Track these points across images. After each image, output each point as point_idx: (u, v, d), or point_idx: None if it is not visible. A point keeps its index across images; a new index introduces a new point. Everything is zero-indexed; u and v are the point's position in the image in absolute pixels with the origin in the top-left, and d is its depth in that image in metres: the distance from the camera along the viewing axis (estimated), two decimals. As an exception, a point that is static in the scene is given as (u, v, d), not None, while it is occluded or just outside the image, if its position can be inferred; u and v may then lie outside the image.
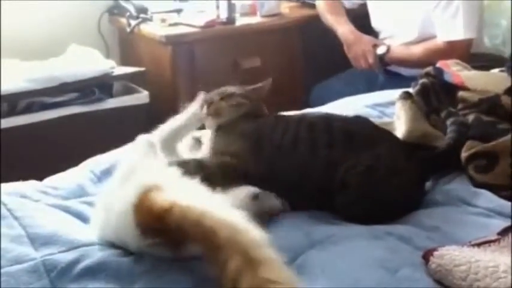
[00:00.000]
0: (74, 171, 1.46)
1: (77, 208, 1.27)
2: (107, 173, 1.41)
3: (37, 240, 1.11)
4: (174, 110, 2.50)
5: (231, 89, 1.40)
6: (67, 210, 1.26)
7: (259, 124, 1.33)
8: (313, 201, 1.26)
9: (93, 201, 1.28)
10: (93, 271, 1.04)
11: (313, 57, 2.73)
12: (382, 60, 2.41)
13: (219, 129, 1.35)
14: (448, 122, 1.47)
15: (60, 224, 1.17)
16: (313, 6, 2.72)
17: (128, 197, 1.05)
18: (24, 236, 1.12)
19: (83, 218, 1.23)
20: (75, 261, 1.06)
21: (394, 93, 1.73)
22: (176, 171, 1.15)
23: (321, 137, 1.27)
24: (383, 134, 1.35)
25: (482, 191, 1.29)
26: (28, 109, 2.27)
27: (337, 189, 1.23)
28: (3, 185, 1.35)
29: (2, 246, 1.08)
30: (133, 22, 2.63)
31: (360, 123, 1.38)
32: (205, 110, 1.37)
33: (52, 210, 1.25)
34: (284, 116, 1.41)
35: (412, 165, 1.29)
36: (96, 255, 1.08)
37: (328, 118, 1.36)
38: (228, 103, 1.36)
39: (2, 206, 1.21)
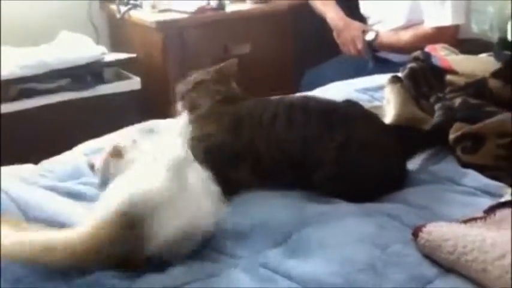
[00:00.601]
0: (68, 155, 1.48)
1: (75, 189, 1.29)
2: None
3: (35, 223, 1.12)
4: (165, 96, 2.55)
5: (198, 75, 1.38)
6: (64, 191, 1.28)
7: (237, 106, 1.34)
8: (290, 177, 1.28)
9: (90, 181, 1.30)
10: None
11: (304, 43, 2.75)
12: (371, 46, 2.44)
13: (196, 118, 1.34)
14: (436, 107, 1.51)
15: (57, 206, 1.19)
16: (302, -8, 2.74)
17: None
18: (23, 219, 1.13)
19: (81, 198, 1.26)
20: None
21: (384, 78, 1.76)
22: None
23: (298, 116, 1.30)
24: (359, 113, 1.37)
25: (469, 171, 1.33)
26: (20, 95, 2.28)
27: (313, 166, 1.26)
28: (1, 168, 1.36)
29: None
30: (123, 8, 2.64)
31: (335, 103, 1.40)
32: (180, 105, 1.36)
33: (49, 192, 1.26)
34: (264, 98, 1.40)
35: (388, 141, 1.33)
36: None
37: (306, 98, 1.40)
38: (201, 93, 1.35)
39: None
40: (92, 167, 1.27)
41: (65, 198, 1.25)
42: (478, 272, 0.95)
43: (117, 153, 1.19)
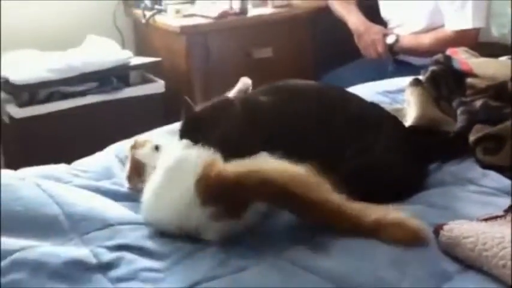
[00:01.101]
0: (99, 156, 1.53)
1: (108, 188, 1.35)
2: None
3: (73, 217, 1.18)
4: (189, 99, 2.59)
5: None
6: (98, 190, 1.33)
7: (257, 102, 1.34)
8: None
9: (122, 182, 1.36)
10: (127, 248, 1.12)
11: (324, 46, 2.79)
12: (392, 49, 2.47)
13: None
14: (459, 111, 1.54)
15: (93, 203, 1.25)
16: (323, -4, 2.78)
17: (188, 175, 1.14)
18: (61, 213, 1.19)
19: (114, 197, 1.31)
20: (110, 238, 1.14)
21: (405, 81, 1.79)
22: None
23: (338, 118, 1.34)
24: (386, 118, 1.42)
25: (489, 171, 1.36)
26: (48, 98, 2.35)
27: (338, 165, 1.28)
28: (35, 168, 1.42)
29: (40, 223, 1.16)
30: (148, 13, 2.70)
31: (369, 107, 1.45)
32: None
33: (84, 191, 1.32)
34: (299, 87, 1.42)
35: (409, 145, 1.37)
36: (130, 234, 1.16)
37: (344, 98, 1.42)
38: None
39: (36, 186, 1.28)
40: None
41: (99, 195, 1.31)
42: (498, 267, 0.98)
43: (137, 168, 1.31)
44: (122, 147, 1.54)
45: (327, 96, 1.41)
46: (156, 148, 1.32)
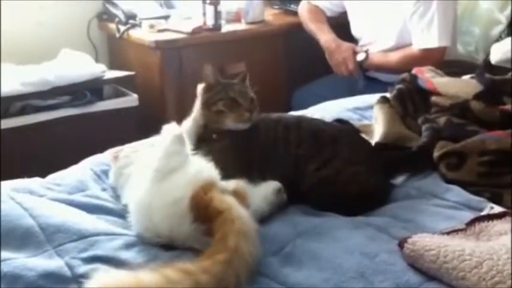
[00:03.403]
0: (74, 169, 1.55)
1: (81, 201, 1.36)
2: (105, 172, 1.51)
3: (47, 229, 1.20)
4: (162, 113, 2.62)
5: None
6: (72, 203, 1.34)
7: (243, 133, 1.40)
8: (286, 192, 1.36)
9: (96, 194, 1.38)
10: (102, 259, 1.14)
11: (296, 62, 2.85)
12: (362, 66, 2.54)
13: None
14: (423, 128, 1.60)
15: (67, 215, 1.26)
16: (296, 13, 2.84)
17: (181, 188, 1.17)
18: (35, 225, 1.21)
19: (88, 210, 1.33)
20: (85, 250, 1.16)
21: (373, 98, 1.85)
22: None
23: (293, 136, 1.39)
24: (345, 132, 1.48)
25: (453, 186, 1.41)
26: (22, 111, 2.35)
27: (301, 180, 1.36)
28: (9, 181, 1.43)
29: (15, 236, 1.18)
30: (122, 28, 2.72)
31: (325, 122, 1.52)
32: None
33: (58, 203, 1.33)
34: (261, 118, 1.46)
35: (370, 158, 1.43)
36: (104, 245, 1.18)
37: (299, 119, 1.49)
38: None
39: (10, 200, 1.30)
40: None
41: (73, 208, 1.32)
42: (458, 279, 1.03)
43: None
44: (96, 160, 1.57)
45: (284, 118, 1.48)
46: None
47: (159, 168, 1.21)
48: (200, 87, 1.43)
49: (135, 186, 1.26)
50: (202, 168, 1.22)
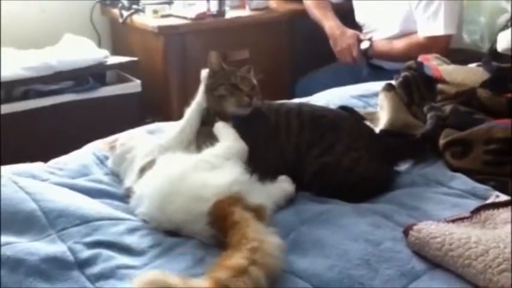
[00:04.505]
0: (77, 154, 1.54)
1: (84, 185, 1.36)
2: (108, 157, 1.50)
3: (50, 214, 1.19)
4: (165, 98, 2.61)
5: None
6: (75, 187, 1.34)
7: (245, 119, 1.40)
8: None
9: (99, 179, 1.37)
10: (105, 244, 1.14)
11: (300, 50, 2.83)
12: (366, 54, 2.52)
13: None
14: (428, 115, 1.59)
15: (70, 200, 1.26)
16: (300, 0, 2.81)
17: (210, 189, 1.18)
18: (37, 209, 1.20)
19: (91, 194, 1.32)
20: (88, 235, 1.15)
21: (378, 85, 1.84)
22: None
23: (294, 123, 1.39)
24: (346, 118, 1.47)
25: (458, 174, 1.40)
26: (24, 96, 2.35)
27: (303, 167, 1.35)
28: (11, 166, 1.43)
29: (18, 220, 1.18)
30: (125, 13, 2.71)
31: (326, 109, 1.52)
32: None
33: (60, 188, 1.33)
34: (265, 106, 1.47)
35: (371, 144, 1.42)
36: (107, 230, 1.17)
37: (300, 105, 1.49)
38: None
39: (13, 183, 1.29)
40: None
41: (76, 192, 1.32)
42: (464, 267, 1.02)
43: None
44: (99, 145, 1.56)
45: (285, 105, 1.48)
46: None
47: (210, 160, 1.25)
48: (204, 72, 1.44)
49: (154, 171, 1.27)
50: (237, 181, 1.22)
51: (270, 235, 1.10)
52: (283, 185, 1.33)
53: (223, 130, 1.34)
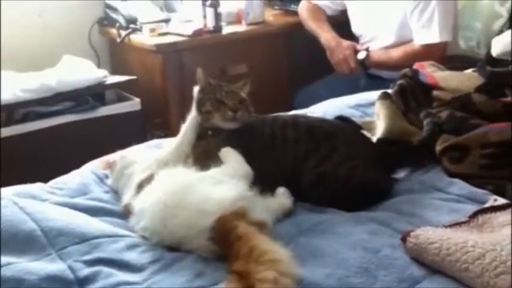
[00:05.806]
0: (76, 173, 1.55)
1: (84, 204, 1.37)
2: (107, 175, 1.51)
3: (50, 233, 1.20)
4: (165, 115, 2.62)
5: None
6: (74, 207, 1.35)
7: (238, 131, 1.42)
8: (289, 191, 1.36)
9: (99, 197, 1.38)
10: (104, 262, 1.14)
11: (298, 62, 2.84)
12: (363, 64, 2.53)
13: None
14: (425, 122, 1.59)
15: (70, 218, 1.26)
16: (296, 13, 2.83)
17: (214, 204, 1.18)
18: (37, 229, 1.21)
19: (90, 213, 1.33)
20: (88, 253, 1.16)
21: (375, 94, 1.85)
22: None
23: (290, 134, 1.40)
24: (341, 128, 1.48)
25: (456, 179, 1.41)
26: (25, 118, 2.36)
27: (300, 177, 1.36)
28: (11, 187, 1.44)
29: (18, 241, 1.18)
30: (123, 32, 2.73)
31: (322, 119, 1.53)
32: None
33: (60, 207, 1.34)
34: (260, 119, 1.49)
35: (368, 153, 1.43)
36: (107, 247, 1.18)
37: (295, 116, 1.51)
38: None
39: (13, 204, 1.30)
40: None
41: (75, 211, 1.32)
42: (461, 271, 1.02)
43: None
44: (97, 164, 1.57)
45: (280, 117, 1.50)
46: None
47: (214, 176, 1.26)
48: (196, 88, 1.48)
49: (155, 184, 1.28)
50: (241, 196, 1.22)
51: (279, 246, 1.10)
52: (282, 199, 1.33)
53: (230, 155, 1.35)
